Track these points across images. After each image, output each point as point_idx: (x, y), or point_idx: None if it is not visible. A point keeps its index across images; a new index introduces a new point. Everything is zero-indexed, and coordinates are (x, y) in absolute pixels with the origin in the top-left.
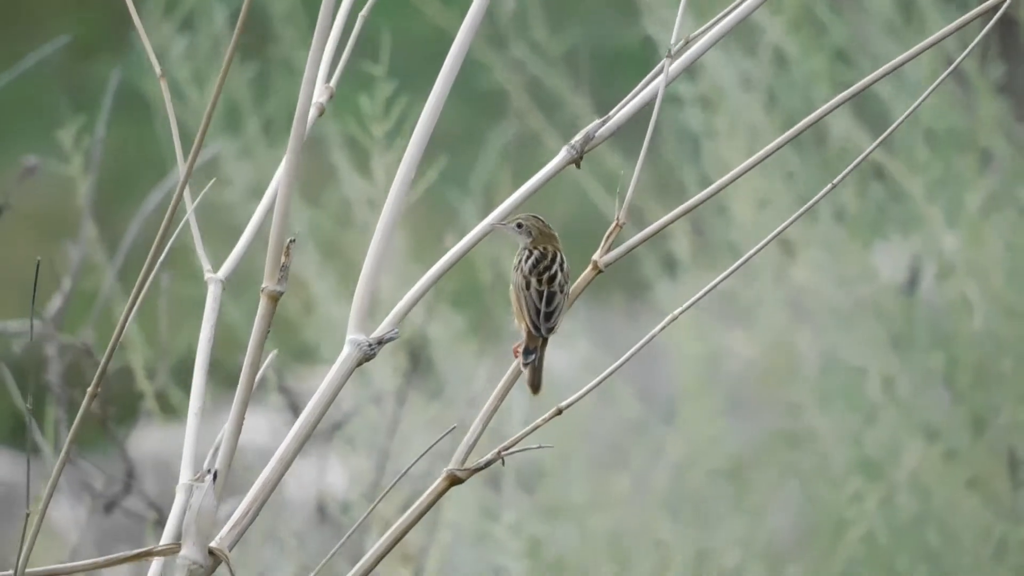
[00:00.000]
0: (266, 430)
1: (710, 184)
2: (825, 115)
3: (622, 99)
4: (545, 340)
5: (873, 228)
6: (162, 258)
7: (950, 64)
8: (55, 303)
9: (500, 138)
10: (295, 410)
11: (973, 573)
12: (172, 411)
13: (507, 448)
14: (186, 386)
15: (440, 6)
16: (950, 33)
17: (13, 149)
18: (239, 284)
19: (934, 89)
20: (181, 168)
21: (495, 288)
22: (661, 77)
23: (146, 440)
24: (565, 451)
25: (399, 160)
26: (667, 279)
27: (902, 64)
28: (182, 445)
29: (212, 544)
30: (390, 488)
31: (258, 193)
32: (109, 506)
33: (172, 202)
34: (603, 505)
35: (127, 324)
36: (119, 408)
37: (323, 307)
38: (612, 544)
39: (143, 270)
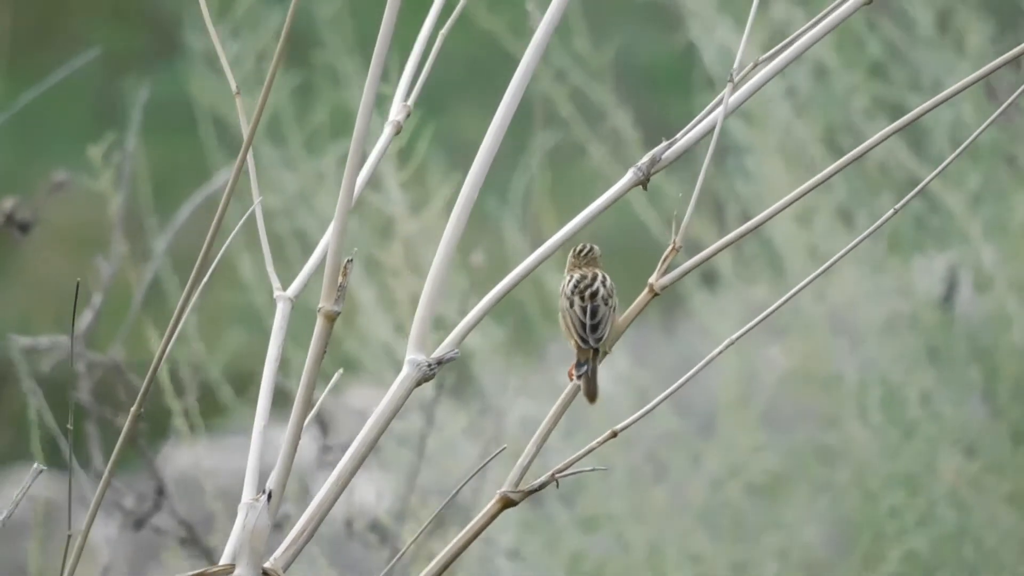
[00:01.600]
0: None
1: (749, 197)
2: (876, 145)
3: (663, 112)
4: (596, 351)
5: (913, 243)
6: (207, 277)
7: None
8: (85, 319)
9: (540, 148)
10: (323, 427)
11: None
12: (201, 428)
13: (562, 471)
14: (214, 403)
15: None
16: (1000, 66)
17: (46, 163)
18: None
19: (986, 128)
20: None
21: (535, 301)
22: (721, 108)
23: (175, 457)
24: (605, 464)
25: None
26: (707, 293)
27: (953, 95)
28: (211, 462)
29: (266, 565)
30: (441, 508)
31: (302, 203)
32: (139, 523)
33: (217, 215)
34: (641, 518)
35: (170, 344)
36: (149, 425)
37: (363, 320)
38: (650, 557)
39: (187, 288)
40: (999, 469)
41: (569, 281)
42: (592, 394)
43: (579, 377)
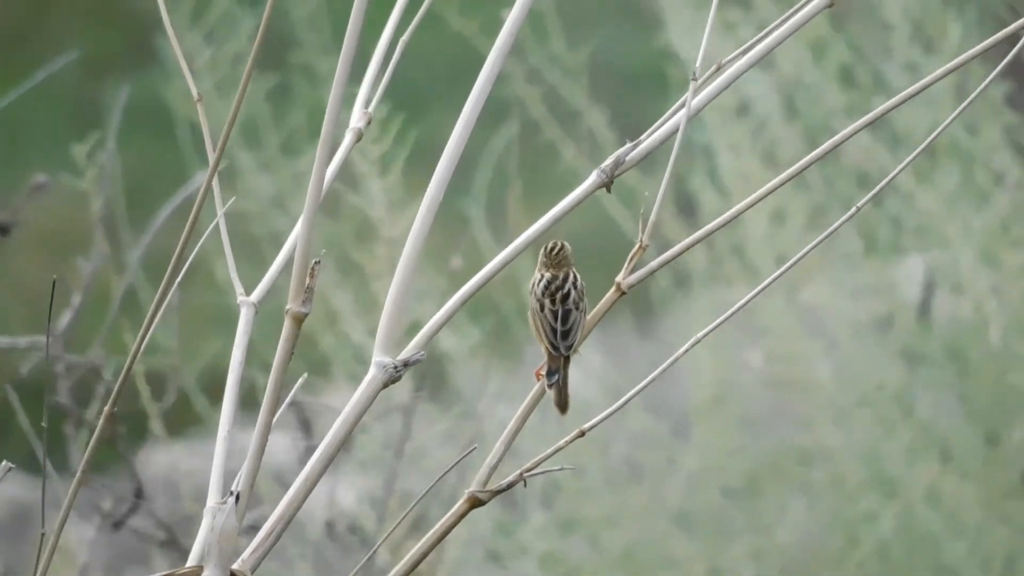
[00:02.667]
0: (275, 446)
1: (720, 194)
2: (845, 140)
3: (639, 112)
4: (567, 359)
5: (889, 244)
6: (180, 277)
7: (962, 75)
8: (65, 320)
9: (507, 149)
10: (306, 427)
11: None
12: (180, 430)
13: (530, 470)
14: (193, 404)
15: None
16: (972, 58)
17: (27, 164)
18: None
19: (956, 117)
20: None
21: (512, 301)
22: (684, 111)
23: (154, 459)
24: (580, 466)
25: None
26: (679, 294)
27: (924, 89)
28: (190, 464)
29: (234, 566)
30: (412, 507)
31: (277, 205)
32: (117, 525)
33: (190, 219)
34: (617, 520)
35: (143, 345)
36: (127, 427)
37: (339, 322)
38: (626, 559)
39: (160, 289)
40: (975, 472)
41: (540, 281)
42: (563, 404)
43: (550, 387)
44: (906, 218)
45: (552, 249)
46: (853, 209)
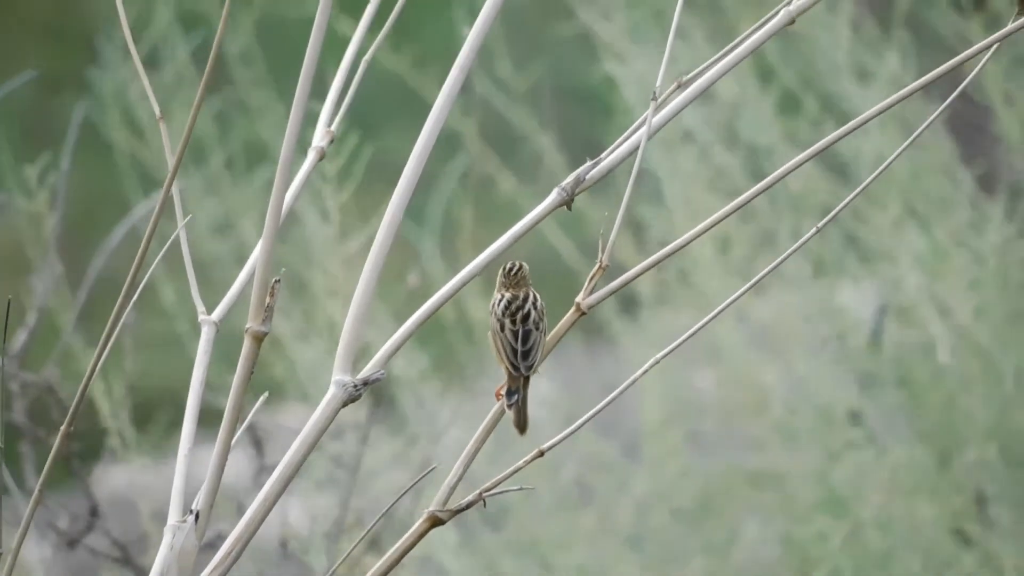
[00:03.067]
0: (228, 465)
1: (667, 219)
2: (793, 170)
3: (585, 135)
4: (527, 379)
5: (837, 266)
6: (135, 298)
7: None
8: (19, 339)
9: (456, 173)
10: (259, 446)
11: None
12: (135, 449)
13: (489, 490)
14: (148, 424)
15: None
16: (912, 93)
17: None
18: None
19: (905, 148)
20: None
21: (459, 327)
22: (644, 129)
23: (109, 478)
24: (531, 487)
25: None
26: (628, 322)
27: (868, 120)
28: (144, 483)
29: None
30: (372, 527)
31: (223, 229)
32: (73, 544)
33: (143, 244)
34: (568, 543)
35: (99, 364)
36: (82, 445)
37: (290, 344)
38: None
39: (115, 310)
40: (927, 493)
41: (500, 301)
42: (522, 425)
43: (510, 407)
44: (854, 241)
45: (511, 269)
46: (814, 229)
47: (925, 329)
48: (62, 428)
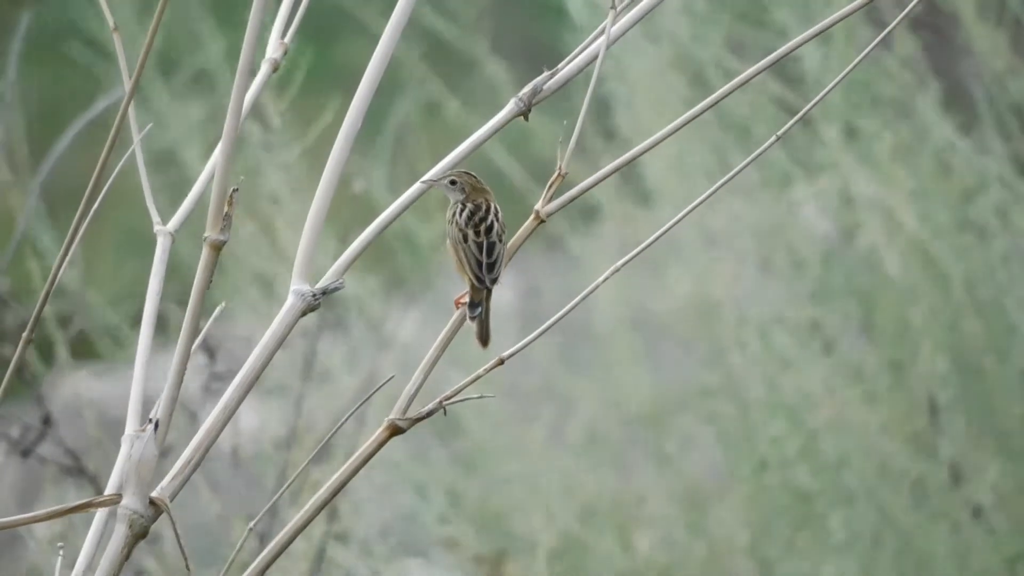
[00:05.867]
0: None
1: (621, 132)
2: (746, 81)
3: (547, 46)
4: (489, 292)
5: (789, 175)
6: (96, 205)
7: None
8: None
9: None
10: (211, 354)
11: (893, 518)
12: (85, 357)
13: (449, 398)
14: (96, 332)
15: None
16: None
17: None
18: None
19: (863, 59)
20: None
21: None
22: (603, 38)
23: (59, 386)
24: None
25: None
26: (584, 226)
27: (826, 29)
28: (95, 391)
29: (153, 494)
30: (329, 437)
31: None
32: (26, 453)
33: (109, 141)
34: (521, 453)
35: (60, 272)
36: (34, 355)
37: (241, 255)
38: (530, 492)
39: (77, 216)
40: (879, 400)
41: (462, 211)
42: (484, 338)
43: (472, 319)
44: (806, 150)
45: (476, 176)
46: (773, 137)
47: (874, 239)
48: (24, 336)
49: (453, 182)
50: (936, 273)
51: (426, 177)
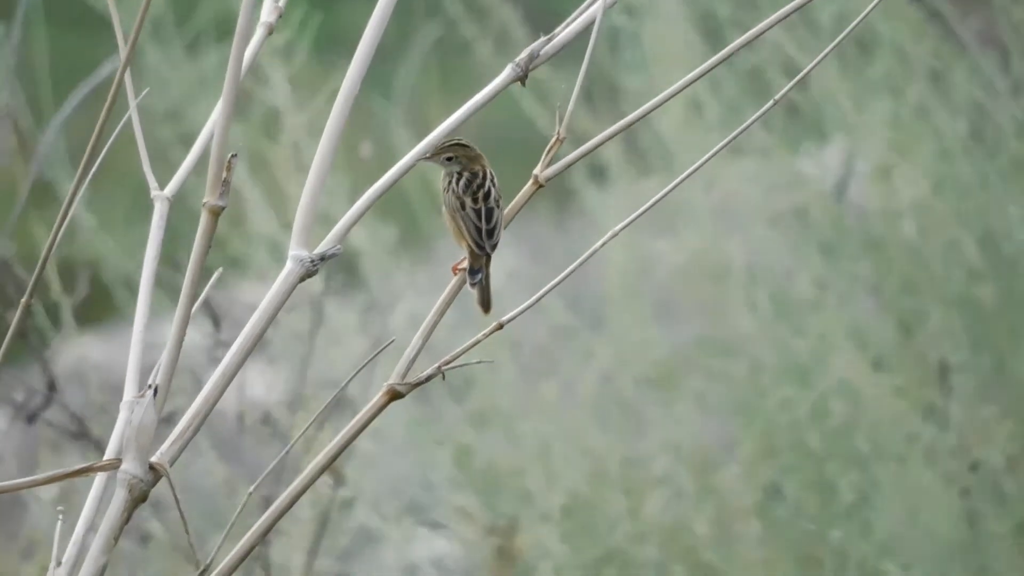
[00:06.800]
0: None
1: (635, 87)
2: (761, 34)
3: (554, 4)
4: (489, 258)
5: (801, 135)
6: (94, 169)
7: None
8: None
9: (424, 42)
10: (215, 321)
11: (903, 480)
12: (89, 322)
13: (448, 363)
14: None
15: None
16: None
17: None
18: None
19: (872, 9)
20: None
21: (421, 198)
22: (600, 2)
23: (64, 351)
24: (494, 359)
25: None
26: (596, 187)
27: None
28: (100, 356)
29: (153, 459)
30: (331, 400)
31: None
32: (31, 418)
33: (106, 106)
34: (531, 412)
35: (59, 235)
36: (39, 319)
37: (250, 217)
38: (541, 451)
39: (75, 181)
40: (889, 362)
41: (459, 179)
42: (486, 304)
43: (473, 286)
44: (820, 109)
45: (462, 144)
46: (771, 102)
47: (890, 199)
48: (23, 301)
49: (449, 159)
50: (948, 233)
51: (418, 149)
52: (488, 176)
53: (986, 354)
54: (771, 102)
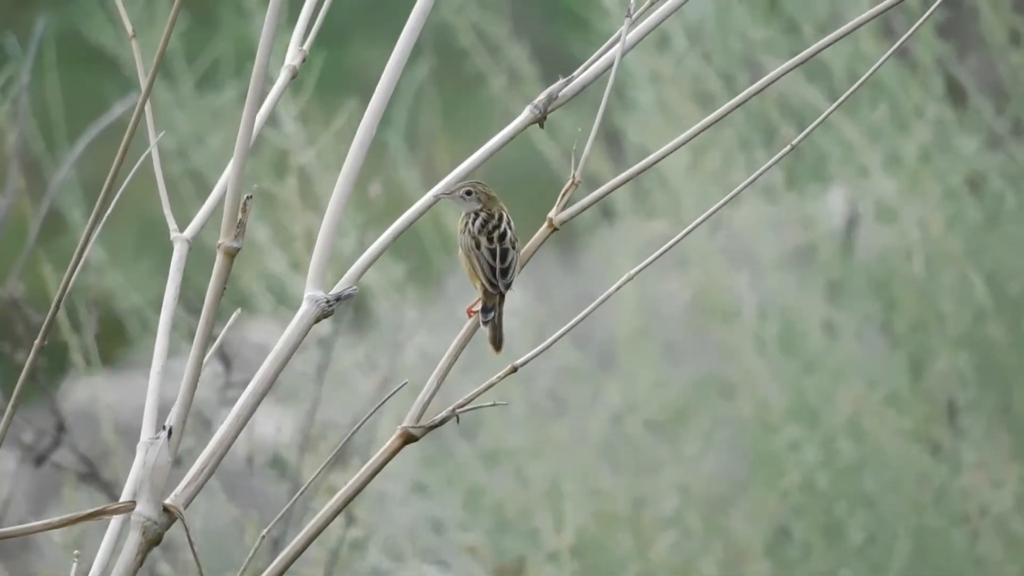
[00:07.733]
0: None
1: (646, 131)
2: (774, 81)
3: (562, 42)
4: (502, 297)
5: (811, 174)
6: (109, 211)
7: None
8: None
9: (419, 79)
10: (226, 362)
11: (911, 519)
12: (99, 364)
13: (462, 406)
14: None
15: None
16: (894, 4)
17: None
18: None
19: (885, 60)
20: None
21: (432, 236)
22: (618, 46)
23: (75, 392)
24: (504, 399)
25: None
26: (605, 228)
27: (853, 30)
28: (115, 396)
29: (167, 501)
30: (342, 443)
31: (197, 142)
32: (40, 459)
33: (122, 146)
34: (541, 452)
35: (72, 278)
36: (48, 360)
37: (259, 257)
38: (550, 492)
39: (90, 220)
40: (898, 401)
41: (475, 220)
42: (498, 342)
43: (486, 324)
44: (829, 149)
45: (480, 185)
46: (788, 147)
47: (899, 237)
48: (35, 343)
49: (468, 192)
50: (959, 272)
51: (436, 190)
52: (504, 218)
53: (994, 394)
54: (788, 147)
